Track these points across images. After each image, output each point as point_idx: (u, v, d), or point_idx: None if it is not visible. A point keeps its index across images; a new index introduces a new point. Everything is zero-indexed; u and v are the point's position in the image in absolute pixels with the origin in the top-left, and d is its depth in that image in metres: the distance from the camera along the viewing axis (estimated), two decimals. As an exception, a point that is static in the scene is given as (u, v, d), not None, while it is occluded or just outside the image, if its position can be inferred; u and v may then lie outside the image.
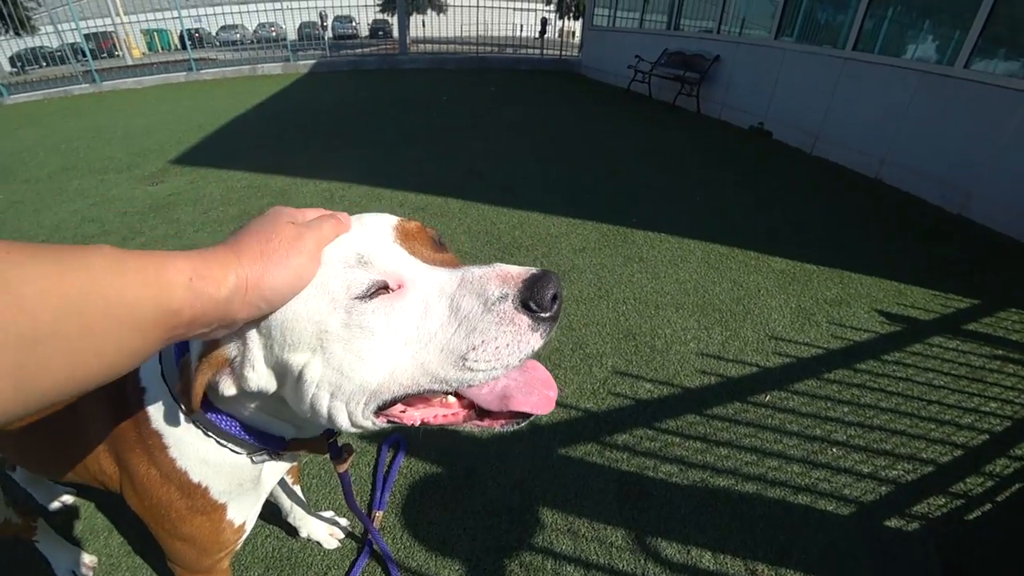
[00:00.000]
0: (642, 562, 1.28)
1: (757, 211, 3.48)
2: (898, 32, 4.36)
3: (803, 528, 1.37)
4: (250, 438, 0.64)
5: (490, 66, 11.26)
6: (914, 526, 1.38)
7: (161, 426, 0.65)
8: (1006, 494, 1.47)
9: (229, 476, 0.69)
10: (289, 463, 0.84)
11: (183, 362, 0.56)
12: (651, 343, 2.08)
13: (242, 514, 0.76)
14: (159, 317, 0.33)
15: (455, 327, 0.47)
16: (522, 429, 0.55)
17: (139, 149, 4.77)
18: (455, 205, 3.41)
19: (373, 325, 0.47)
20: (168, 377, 0.62)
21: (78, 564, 1.22)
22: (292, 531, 1.30)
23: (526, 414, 0.53)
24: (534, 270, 0.48)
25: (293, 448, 0.68)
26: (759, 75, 5.70)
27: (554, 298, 0.47)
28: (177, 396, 0.62)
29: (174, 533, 0.72)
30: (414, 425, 0.53)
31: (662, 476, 1.51)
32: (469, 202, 3.45)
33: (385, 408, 0.51)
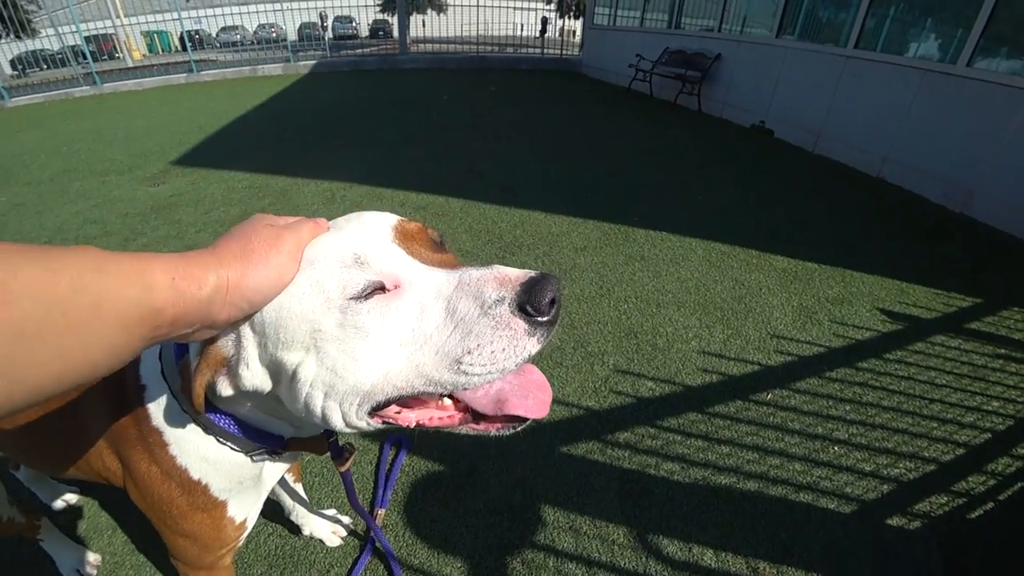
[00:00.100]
0: (644, 560, 1.28)
1: (759, 209, 3.48)
2: (900, 30, 4.35)
3: (805, 526, 1.37)
4: (248, 437, 0.64)
5: (490, 65, 11.25)
6: (916, 525, 1.38)
7: (161, 424, 0.66)
8: (1008, 493, 1.47)
9: (229, 474, 0.69)
10: (289, 462, 0.84)
11: (183, 363, 0.56)
12: (652, 341, 2.08)
13: (243, 511, 0.77)
14: (143, 315, 0.34)
15: (451, 329, 0.47)
16: (519, 431, 0.54)
17: (140, 151, 4.78)
18: (456, 204, 3.42)
19: (368, 325, 0.47)
20: (168, 375, 0.63)
21: (82, 562, 1.22)
22: (295, 529, 1.31)
23: (522, 418, 0.52)
24: (533, 273, 0.48)
25: (293, 448, 0.68)
26: (760, 73, 5.69)
27: (552, 302, 0.46)
28: (179, 396, 0.62)
29: (176, 529, 0.73)
30: (409, 427, 0.53)
31: (664, 474, 1.51)
32: (470, 201, 3.46)
33: (380, 409, 0.51)
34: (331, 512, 1.35)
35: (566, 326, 2.16)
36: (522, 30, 13.96)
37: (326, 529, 1.30)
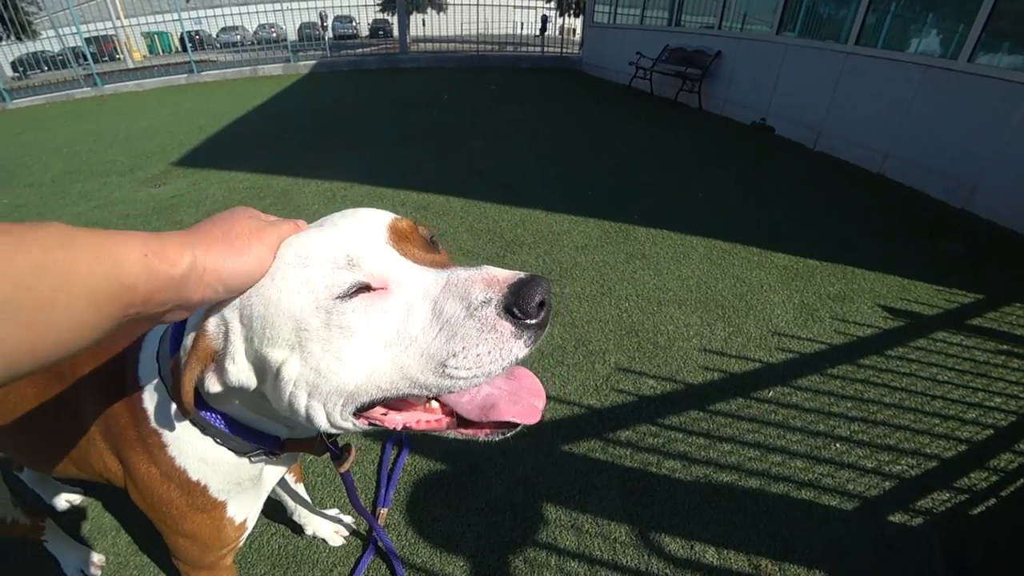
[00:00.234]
0: (646, 558, 1.28)
1: (759, 207, 3.47)
2: (901, 26, 4.33)
3: (807, 523, 1.37)
4: (242, 437, 0.63)
5: (490, 64, 11.25)
6: (918, 521, 1.38)
7: (159, 425, 0.66)
8: (1010, 489, 1.47)
9: (228, 474, 0.69)
10: (288, 463, 0.84)
11: (172, 363, 0.55)
12: (654, 339, 2.08)
13: (243, 512, 0.77)
14: (113, 291, 0.33)
15: (436, 331, 0.46)
16: (508, 436, 0.53)
17: (141, 151, 4.79)
18: (457, 204, 3.42)
19: (353, 325, 0.46)
20: (164, 376, 0.63)
21: (87, 563, 1.23)
22: (297, 529, 1.31)
23: (511, 424, 0.51)
24: (522, 274, 0.46)
25: (289, 449, 0.68)
26: (761, 71, 5.68)
27: (541, 304, 0.45)
28: (172, 397, 0.62)
29: (176, 530, 0.73)
30: (396, 429, 0.52)
31: (665, 472, 1.51)
32: (471, 200, 3.46)
33: (365, 410, 0.50)
34: (333, 512, 1.35)
35: (567, 324, 2.16)
36: (522, 28, 13.97)
37: (329, 529, 1.31)
